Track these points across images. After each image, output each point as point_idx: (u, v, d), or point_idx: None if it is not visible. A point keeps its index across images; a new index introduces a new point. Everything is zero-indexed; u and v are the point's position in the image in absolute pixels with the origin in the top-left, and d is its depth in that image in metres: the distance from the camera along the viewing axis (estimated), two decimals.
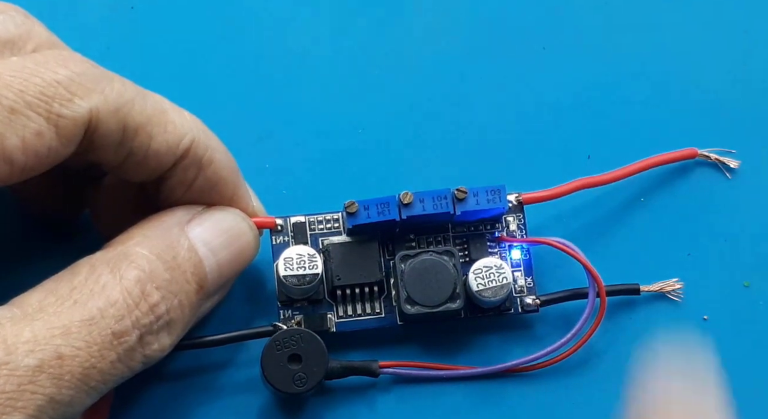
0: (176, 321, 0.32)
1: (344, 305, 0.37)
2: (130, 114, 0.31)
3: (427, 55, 0.41)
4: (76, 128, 0.30)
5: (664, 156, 0.39)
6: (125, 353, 0.30)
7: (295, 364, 0.35)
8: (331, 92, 0.41)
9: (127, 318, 0.30)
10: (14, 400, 0.27)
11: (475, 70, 0.41)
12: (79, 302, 0.30)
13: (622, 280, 0.38)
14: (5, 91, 0.29)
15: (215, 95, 0.40)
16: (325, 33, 0.41)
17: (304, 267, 0.36)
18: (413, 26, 0.42)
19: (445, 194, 0.36)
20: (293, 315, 0.37)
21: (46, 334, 0.29)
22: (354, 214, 0.36)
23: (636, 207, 0.40)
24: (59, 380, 0.28)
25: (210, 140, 0.34)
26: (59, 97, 0.30)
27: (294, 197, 0.39)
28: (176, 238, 0.33)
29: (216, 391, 0.37)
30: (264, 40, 0.41)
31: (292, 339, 0.35)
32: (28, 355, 0.28)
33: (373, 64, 0.41)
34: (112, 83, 0.31)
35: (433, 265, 0.36)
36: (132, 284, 0.31)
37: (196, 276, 0.33)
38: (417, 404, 0.37)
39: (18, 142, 0.29)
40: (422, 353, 0.38)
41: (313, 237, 0.37)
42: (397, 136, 0.40)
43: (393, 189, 0.36)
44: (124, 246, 0.32)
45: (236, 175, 0.35)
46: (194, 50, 0.41)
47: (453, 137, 0.40)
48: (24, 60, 0.30)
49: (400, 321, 0.37)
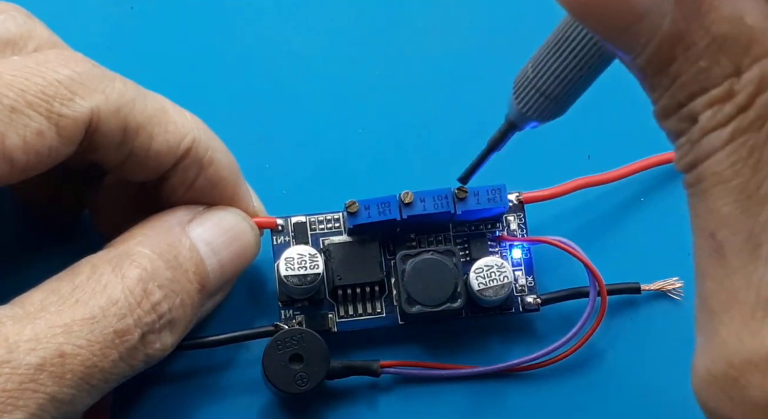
0: (178, 319, 0.32)
1: (345, 305, 0.37)
2: (132, 114, 0.31)
3: (428, 55, 0.41)
4: (77, 128, 0.30)
5: (664, 156, 0.39)
6: (127, 352, 0.30)
7: (296, 364, 0.35)
8: (331, 92, 0.41)
9: (129, 317, 0.30)
10: (16, 398, 0.27)
11: (475, 70, 0.41)
12: (80, 301, 0.30)
13: (622, 279, 0.38)
14: (6, 90, 0.29)
15: (215, 95, 0.40)
16: (325, 33, 0.41)
17: (305, 267, 0.36)
18: (414, 26, 0.42)
19: (445, 194, 0.36)
20: (294, 315, 0.37)
21: (48, 333, 0.29)
22: (355, 213, 0.36)
23: (636, 207, 0.40)
24: (61, 378, 0.28)
25: (211, 140, 0.34)
26: (60, 96, 0.30)
27: (294, 197, 0.39)
28: (178, 237, 0.33)
29: (217, 391, 0.37)
30: (264, 41, 0.41)
31: (294, 338, 0.35)
32: (30, 353, 0.28)
33: (373, 64, 0.41)
34: (114, 83, 0.31)
35: (434, 264, 0.36)
36: (134, 283, 0.31)
37: (197, 276, 0.33)
38: (418, 403, 0.37)
39: (19, 141, 0.29)
40: (423, 352, 0.38)
41: (313, 237, 0.37)
42: (397, 136, 0.40)
43: (393, 189, 0.36)
44: (126, 246, 0.32)
45: (237, 175, 0.35)
46: (194, 50, 0.41)
47: (453, 137, 0.40)
48: (25, 59, 0.30)
49: (401, 321, 0.37)
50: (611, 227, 0.40)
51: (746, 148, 0.21)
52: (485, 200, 0.36)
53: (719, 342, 0.22)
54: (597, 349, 0.38)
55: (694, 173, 0.22)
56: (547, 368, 0.37)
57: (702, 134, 0.22)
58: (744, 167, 0.21)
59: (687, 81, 0.22)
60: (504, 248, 0.38)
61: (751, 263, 0.21)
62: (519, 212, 0.38)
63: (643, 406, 0.38)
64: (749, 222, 0.21)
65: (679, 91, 0.22)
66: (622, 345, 0.38)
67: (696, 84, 0.22)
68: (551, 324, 0.38)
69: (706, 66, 0.22)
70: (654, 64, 0.22)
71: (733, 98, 0.21)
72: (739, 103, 0.21)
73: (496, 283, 0.36)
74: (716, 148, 0.22)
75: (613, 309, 0.38)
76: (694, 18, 0.21)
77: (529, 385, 0.38)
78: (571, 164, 0.40)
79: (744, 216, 0.21)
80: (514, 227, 0.38)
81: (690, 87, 0.22)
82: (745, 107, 0.21)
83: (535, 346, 0.37)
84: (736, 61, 0.21)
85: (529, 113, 0.28)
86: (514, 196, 0.38)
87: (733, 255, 0.22)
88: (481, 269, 0.36)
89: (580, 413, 0.38)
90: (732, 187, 0.22)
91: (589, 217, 0.40)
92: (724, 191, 0.22)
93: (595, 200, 0.40)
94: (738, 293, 0.21)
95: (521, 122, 0.30)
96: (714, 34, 0.21)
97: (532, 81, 0.28)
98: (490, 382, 0.38)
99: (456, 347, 0.38)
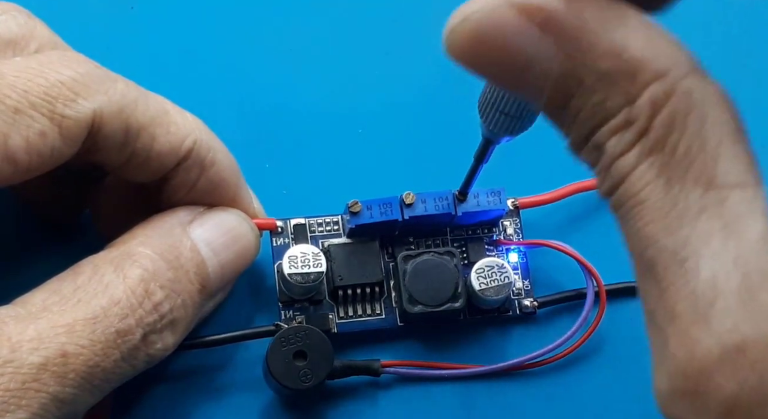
0: (179, 320, 0.32)
1: (345, 306, 0.37)
2: (133, 115, 0.31)
3: (428, 56, 0.41)
4: (80, 129, 0.30)
5: None
6: (129, 352, 0.30)
7: (300, 360, 0.35)
8: (331, 92, 0.41)
9: (131, 317, 0.30)
10: (19, 398, 0.27)
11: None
12: (82, 301, 0.30)
13: (621, 280, 0.38)
14: (9, 91, 0.29)
15: (215, 96, 0.40)
16: (325, 32, 0.41)
17: (308, 265, 0.36)
18: (414, 26, 0.42)
19: (446, 195, 0.36)
20: (294, 315, 0.37)
21: (50, 332, 0.29)
22: (357, 214, 0.36)
23: None
24: (63, 378, 0.28)
25: (212, 141, 0.34)
26: (63, 97, 0.30)
27: (294, 197, 0.39)
28: (179, 238, 0.33)
29: (217, 391, 0.37)
30: (264, 40, 0.41)
31: (297, 335, 0.35)
32: (33, 353, 0.28)
33: (373, 64, 0.41)
34: (116, 84, 0.31)
35: (434, 265, 0.37)
36: (135, 283, 0.31)
37: (198, 276, 0.33)
38: (419, 403, 0.37)
39: (22, 142, 0.29)
40: (424, 352, 0.38)
41: (313, 239, 0.37)
42: (397, 137, 0.40)
43: (392, 191, 0.36)
44: (127, 246, 0.32)
45: (238, 176, 0.35)
46: (194, 50, 0.41)
47: (453, 138, 0.40)
48: (28, 60, 0.30)
49: (400, 322, 0.37)
50: (611, 228, 0.39)
51: (654, 168, 0.22)
52: (485, 202, 0.36)
53: (670, 357, 0.22)
54: (597, 348, 0.38)
55: (614, 198, 0.23)
56: (546, 367, 0.37)
57: (611, 161, 0.23)
58: (656, 187, 0.22)
59: (586, 116, 0.23)
60: (501, 252, 0.38)
61: (681, 278, 0.22)
62: (515, 217, 0.39)
63: (643, 406, 0.38)
64: (671, 239, 0.22)
65: (581, 126, 0.23)
66: (622, 344, 0.38)
67: (595, 117, 0.23)
68: (550, 324, 0.38)
69: (600, 100, 0.22)
70: (554, 105, 0.23)
71: (632, 125, 0.22)
72: (639, 128, 0.22)
73: (498, 283, 0.36)
74: (626, 172, 0.22)
75: (612, 309, 0.38)
76: (577, 57, 0.22)
77: (529, 385, 0.38)
78: (571, 164, 0.40)
79: (664, 233, 0.22)
80: (510, 232, 0.39)
81: (591, 121, 0.23)
82: (645, 131, 0.22)
83: (534, 346, 0.37)
84: (626, 91, 0.22)
85: (497, 131, 0.29)
86: (510, 201, 0.38)
87: (663, 272, 0.22)
88: (482, 270, 0.36)
89: (581, 412, 0.38)
90: (648, 207, 0.22)
91: (588, 218, 0.40)
92: (642, 211, 0.22)
93: (594, 200, 0.40)
94: (675, 308, 0.22)
95: (494, 138, 0.30)
96: (598, 71, 0.22)
97: (491, 102, 0.28)
98: (490, 381, 0.38)
99: (456, 347, 0.38)
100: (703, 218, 0.22)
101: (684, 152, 0.22)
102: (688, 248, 0.22)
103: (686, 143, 0.22)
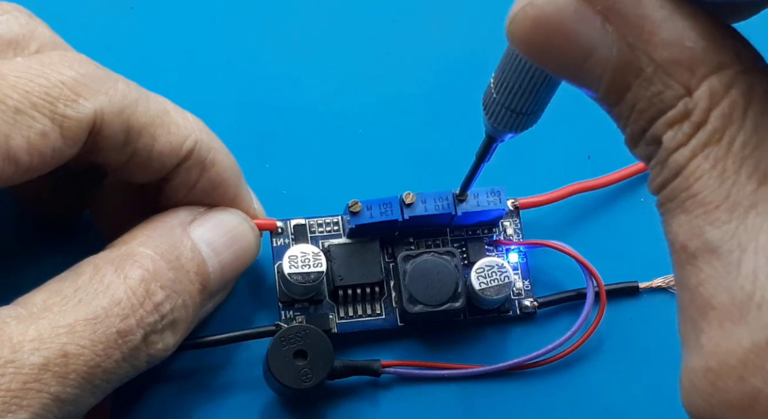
0: (180, 320, 0.32)
1: (345, 306, 0.37)
2: (134, 115, 0.31)
3: (428, 56, 0.41)
4: (81, 129, 0.30)
5: None
6: (130, 352, 0.30)
7: (300, 360, 0.35)
8: (331, 92, 0.41)
9: (132, 317, 0.30)
10: (20, 398, 0.28)
11: (475, 71, 0.41)
12: (83, 301, 0.30)
13: (621, 280, 0.38)
14: (10, 91, 0.29)
15: (215, 95, 0.40)
16: (325, 32, 0.41)
17: (308, 265, 0.36)
18: (414, 26, 0.42)
19: (446, 195, 0.36)
20: (294, 315, 0.37)
21: (51, 333, 0.29)
22: (357, 214, 0.36)
23: (636, 207, 0.40)
24: (64, 378, 0.28)
25: (213, 142, 0.34)
26: (64, 98, 0.30)
27: (294, 197, 0.39)
28: (179, 238, 0.33)
29: (217, 391, 0.37)
30: (264, 40, 0.41)
31: (298, 335, 0.35)
32: (34, 353, 0.28)
33: (373, 64, 0.41)
34: (117, 85, 0.31)
35: (435, 265, 0.37)
36: (136, 283, 0.31)
37: (199, 276, 0.33)
38: (419, 403, 0.37)
39: (23, 142, 0.29)
40: (424, 352, 0.38)
41: (313, 239, 0.37)
42: (397, 137, 0.40)
43: (392, 191, 0.36)
44: (128, 246, 0.32)
45: (238, 176, 0.35)
46: (194, 50, 0.41)
47: (452, 139, 0.40)
48: (29, 61, 0.30)
49: (400, 322, 0.37)
50: (610, 228, 0.40)
51: (709, 161, 0.22)
52: (485, 202, 0.37)
53: (698, 349, 0.22)
54: (597, 348, 0.38)
55: (665, 192, 0.23)
56: (546, 367, 0.38)
57: (668, 155, 0.23)
58: (709, 179, 0.22)
59: (644, 107, 0.23)
60: (501, 252, 0.38)
61: (721, 270, 0.22)
62: (515, 217, 0.39)
63: (643, 405, 0.38)
64: (718, 231, 0.22)
65: (639, 118, 0.23)
66: (622, 344, 0.38)
67: (653, 108, 0.23)
68: (550, 324, 0.38)
69: (658, 90, 0.22)
70: (612, 95, 0.23)
71: (690, 117, 0.22)
72: (696, 120, 0.22)
73: (498, 282, 0.36)
74: (682, 165, 0.22)
75: (612, 309, 0.38)
76: (637, 46, 0.22)
77: (529, 384, 0.38)
78: (571, 164, 0.40)
79: (712, 226, 0.22)
80: (510, 232, 0.39)
81: (648, 112, 0.23)
82: (702, 123, 0.22)
83: (534, 346, 0.37)
84: (685, 82, 0.22)
85: (502, 127, 0.29)
86: (510, 202, 0.38)
87: (705, 264, 0.22)
88: (482, 269, 0.37)
89: (581, 412, 0.38)
90: (700, 199, 0.22)
91: (588, 219, 0.40)
92: (693, 204, 0.22)
93: (594, 201, 0.40)
94: (712, 300, 0.22)
95: (498, 135, 0.30)
96: (658, 60, 0.22)
97: (496, 98, 0.28)
98: (490, 381, 0.38)
99: (456, 347, 0.38)
100: (753, 213, 0.22)
101: (740, 146, 0.22)
102: (734, 241, 0.22)
103: (743, 137, 0.22)
